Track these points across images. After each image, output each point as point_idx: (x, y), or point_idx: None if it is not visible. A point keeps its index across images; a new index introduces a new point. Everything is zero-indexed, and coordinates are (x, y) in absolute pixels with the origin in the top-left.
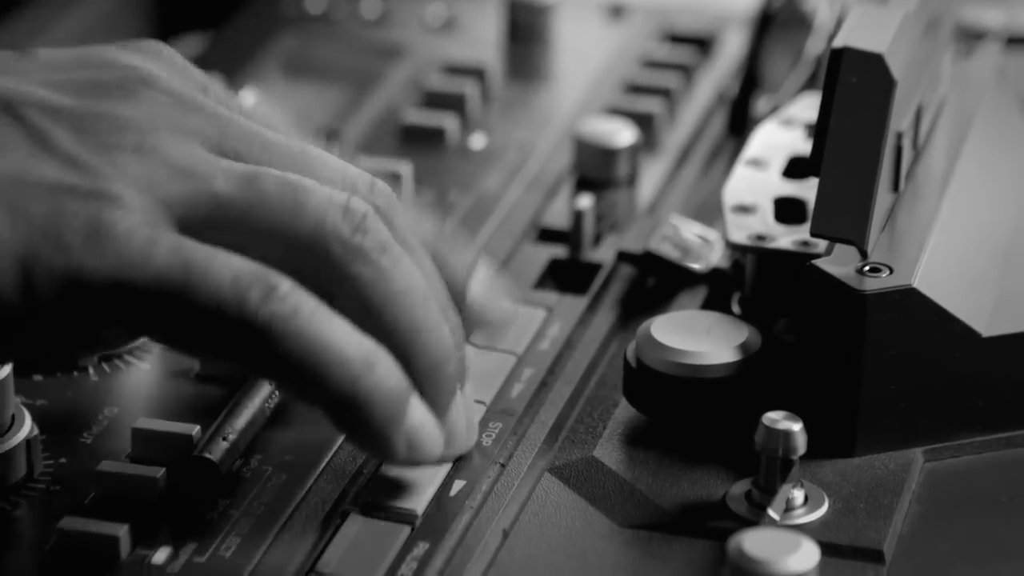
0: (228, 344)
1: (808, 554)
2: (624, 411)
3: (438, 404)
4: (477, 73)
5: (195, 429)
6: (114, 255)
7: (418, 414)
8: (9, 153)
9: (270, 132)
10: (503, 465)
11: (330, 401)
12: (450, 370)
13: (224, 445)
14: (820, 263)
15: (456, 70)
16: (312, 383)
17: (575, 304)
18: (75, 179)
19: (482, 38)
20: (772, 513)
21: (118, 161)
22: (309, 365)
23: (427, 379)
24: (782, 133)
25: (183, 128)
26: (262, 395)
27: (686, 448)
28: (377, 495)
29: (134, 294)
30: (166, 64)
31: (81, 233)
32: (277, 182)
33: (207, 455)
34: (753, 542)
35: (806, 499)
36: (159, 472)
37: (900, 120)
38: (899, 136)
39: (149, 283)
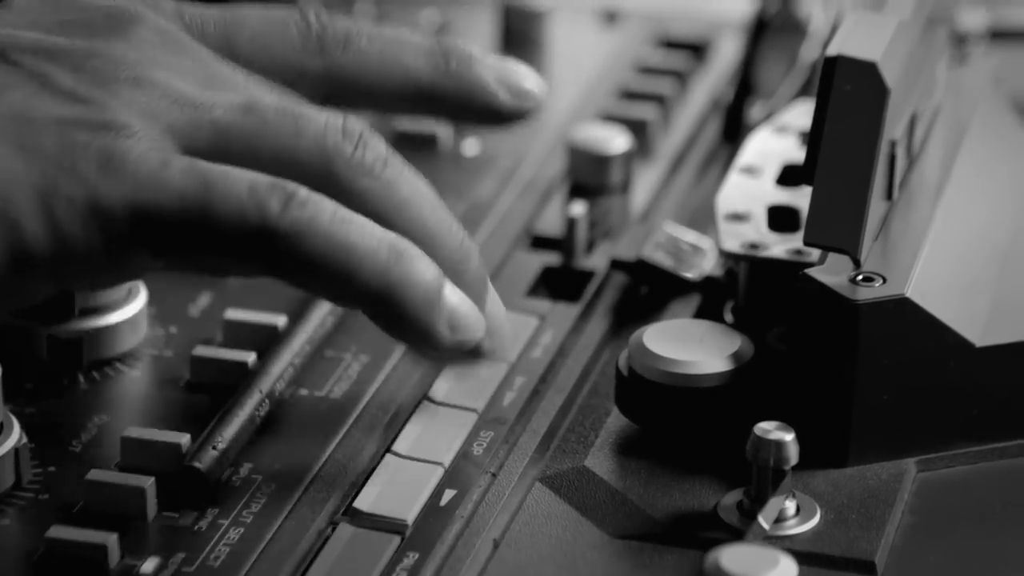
0: (253, 255)
1: (786, 570)
2: (616, 420)
3: (472, 298)
4: None
5: (185, 438)
6: (131, 180)
7: (455, 296)
8: (9, 94)
9: (252, 76)
10: (494, 474)
11: (365, 297)
12: (474, 266)
13: (214, 454)
14: (813, 272)
15: None
16: (344, 282)
17: (568, 312)
18: (80, 112)
19: (475, 43)
20: (762, 522)
21: (119, 92)
22: (338, 263)
23: (454, 277)
24: (776, 140)
25: (176, 67)
26: (252, 404)
27: (678, 458)
28: (367, 504)
29: (155, 216)
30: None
31: (95, 162)
32: (275, 108)
33: (196, 464)
34: (730, 557)
35: (798, 509)
36: (148, 481)
37: (894, 128)
38: (893, 144)
39: (169, 203)
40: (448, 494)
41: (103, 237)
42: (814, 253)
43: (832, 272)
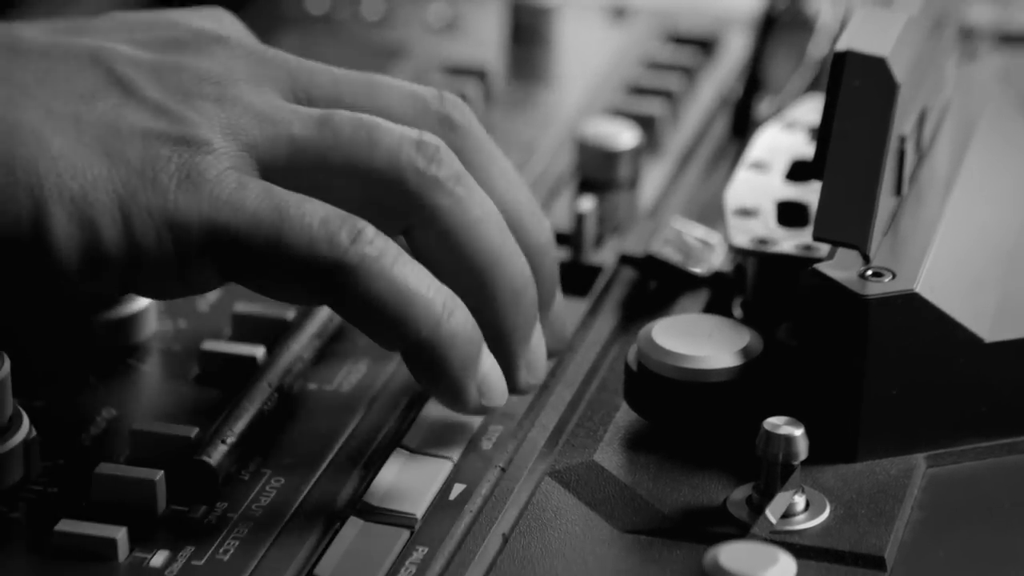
0: (316, 286)
1: (785, 568)
2: (625, 415)
3: (520, 331)
4: (479, 74)
5: (194, 431)
6: (208, 198)
7: (489, 361)
8: (101, 102)
9: (335, 69)
10: (503, 469)
11: (412, 344)
12: (530, 297)
13: (223, 448)
14: (822, 267)
15: (458, 71)
16: (397, 324)
17: (576, 307)
18: (164, 125)
19: (484, 39)
20: (769, 516)
21: (202, 108)
22: (395, 306)
23: (509, 306)
24: (785, 136)
25: (258, 78)
26: (261, 398)
27: (687, 453)
28: (376, 498)
29: (228, 236)
30: (228, 25)
31: (175, 177)
32: (351, 122)
33: (205, 458)
34: (729, 555)
35: (807, 505)
36: (158, 475)
37: (903, 124)
38: (902, 140)
39: (243, 225)
40: (457, 488)
41: (175, 250)
42: (823, 248)
43: (841, 267)
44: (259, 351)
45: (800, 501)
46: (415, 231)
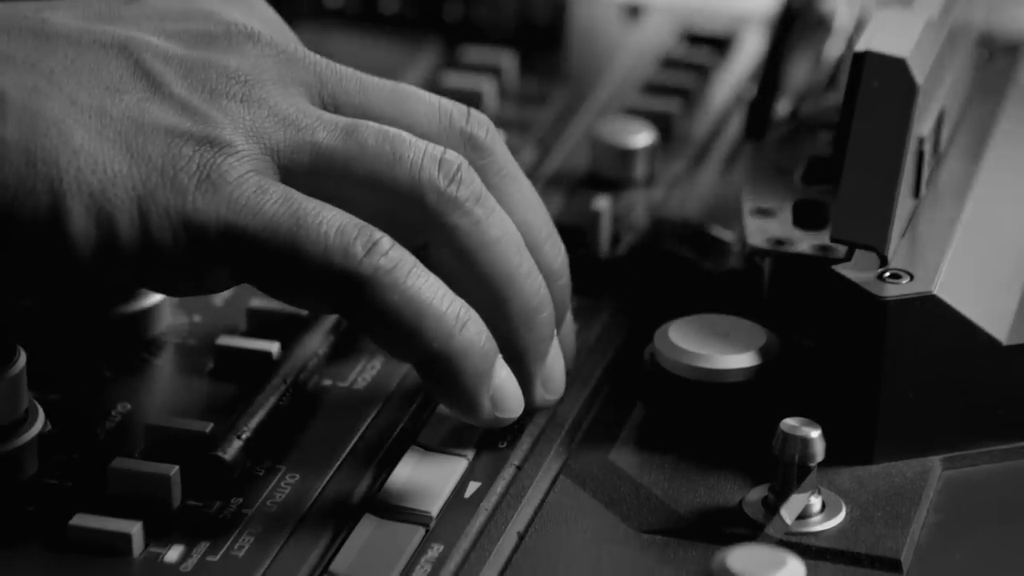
0: (330, 293)
1: (794, 571)
2: (640, 414)
3: (535, 349)
4: (494, 71)
5: (209, 427)
6: (227, 201)
7: (503, 373)
8: (127, 95)
9: (364, 75)
10: (518, 467)
11: (425, 356)
12: (546, 315)
13: (238, 444)
14: (840, 268)
15: (473, 68)
16: (410, 337)
17: (592, 305)
18: (188, 124)
19: (499, 36)
20: (784, 517)
21: (228, 108)
22: (408, 318)
23: (524, 325)
24: (803, 135)
25: (286, 79)
26: (276, 393)
27: (703, 453)
28: (392, 496)
29: (244, 239)
30: (259, 17)
31: (195, 177)
32: (376, 134)
33: (220, 454)
34: (737, 558)
35: (823, 506)
36: (172, 470)
37: (922, 125)
38: (921, 141)
39: (259, 230)
40: (472, 486)
41: (190, 249)
42: (841, 249)
43: (859, 269)
44: (274, 347)
45: (816, 502)
46: (433, 247)
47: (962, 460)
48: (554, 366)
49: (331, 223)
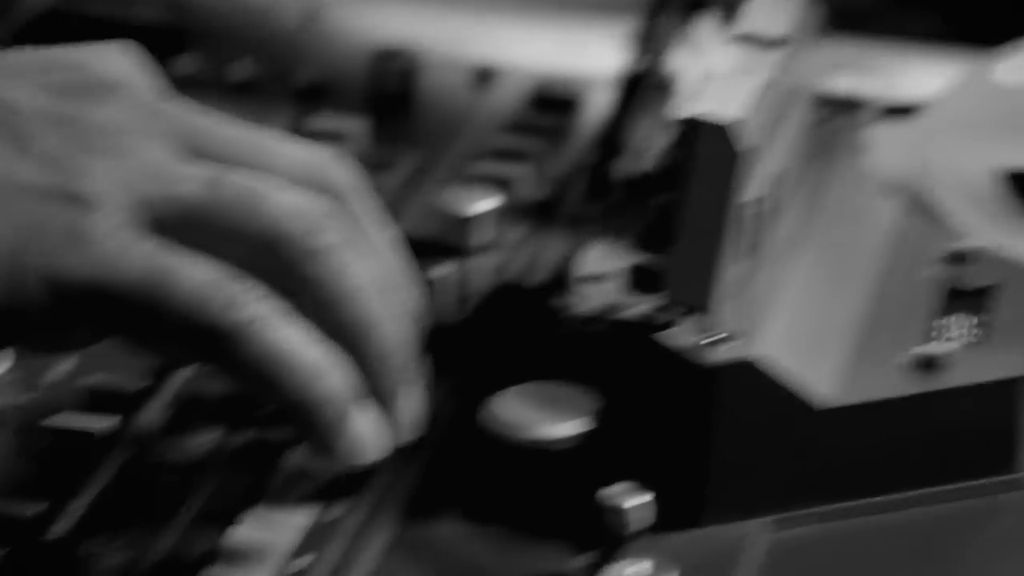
0: (193, 347)
1: None
2: (472, 483)
3: (386, 394)
4: (343, 138)
5: (37, 509)
6: (92, 259)
7: (361, 421)
8: None
9: (229, 123)
10: (352, 538)
11: (284, 404)
12: (397, 362)
13: (67, 525)
14: (664, 334)
15: (323, 135)
16: (270, 387)
17: (429, 372)
18: (54, 181)
19: (348, 101)
20: None
21: (95, 163)
22: (267, 369)
23: (376, 370)
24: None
25: (153, 131)
26: (111, 472)
27: (529, 522)
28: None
29: (111, 297)
30: (130, 64)
31: (61, 235)
32: (237, 187)
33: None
34: None
35: (654, 570)
36: None
37: (756, 187)
38: (757, 202)
39: (126, 286)
40: (305, 560)
41: (57, 306)
42: (676, 314)
43: (686, 333)
44: (108, 423)
45: (647, 566)
46: (297, 295)
47: (791, 521)
48: (403, 409)
49: (194, 278)
